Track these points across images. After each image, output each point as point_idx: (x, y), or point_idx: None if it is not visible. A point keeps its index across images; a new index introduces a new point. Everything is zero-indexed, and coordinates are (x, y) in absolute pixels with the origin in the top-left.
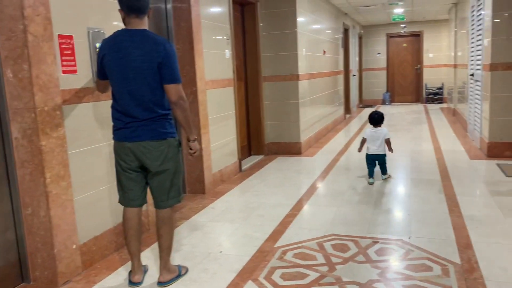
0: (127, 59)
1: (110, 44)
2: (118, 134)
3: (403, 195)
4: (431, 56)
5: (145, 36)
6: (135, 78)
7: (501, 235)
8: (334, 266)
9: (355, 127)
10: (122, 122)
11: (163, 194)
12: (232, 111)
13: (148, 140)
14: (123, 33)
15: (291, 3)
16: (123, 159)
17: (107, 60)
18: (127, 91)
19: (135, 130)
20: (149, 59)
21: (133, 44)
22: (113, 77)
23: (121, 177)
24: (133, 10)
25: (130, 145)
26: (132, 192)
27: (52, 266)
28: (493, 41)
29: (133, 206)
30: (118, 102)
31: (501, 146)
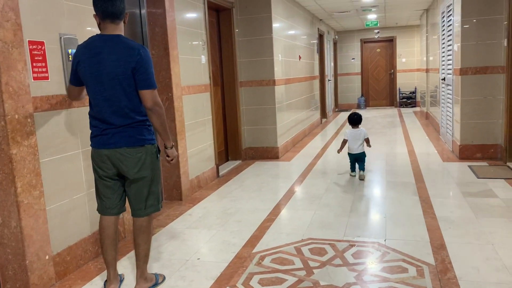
0: (102, 64)
1: (84, 50)
2: (95, 141)
3: (378, 198)
4: (404, 61)
5: (120, 42)
6: (110, 83)
7: (473, 236)
8: (311, 270)
9: (331, 131)
10: (98, 129)
11: (141, 202)
12: (209, 116)
13: (125, 146)
14: (97, 38)
15: (266, 9)
16: (100, 167)
17: (82, 67)
18: (102, 97)
19: (112, 137)
20: (123, 64)
21: (107, 49)
22: (89, 83)
23: (99, 185)
24: (108, 15)
25: (107, 152)
26: (109, 200)
27: (24, 278)
28: (463, 46)
29: (109, 215)
30: (94, 109)
31: (472, 148)
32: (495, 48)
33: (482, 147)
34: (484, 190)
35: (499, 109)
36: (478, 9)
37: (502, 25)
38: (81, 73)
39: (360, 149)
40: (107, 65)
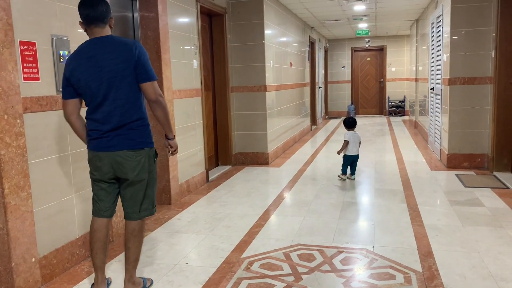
0: (100, 65)
1: (77, 57)
2: (93, 144)
3: (367, 205)
4: (394, 70)
5: (114, 40)
6: (110, 82)
7: (459, 243)
8: (300, 276)
9: (321, 138)
10: (98, 132)
11: (135, 206)
12: (200, 121)
13: (125, 149)
14: (89, 43)
15: (258, 16)
16: (97, 170)
17: (77, 72)
18: (103, 98)
19: (112, 139)
20: (123, 61)
21: (103, 49)
22: (87, 86)
23: (95, 187)
24: (92, 20)
25: (106, 155)
26: (103, 202)
27: (10, 280)
28: (452, 56)
29: (102, 217)
30: (93, 112)
31: (459, 157)
32: (483, 59)
33: (470, 157)
34: (471, 199)
35: (486, 119)
36: (467, 21)
37: (490, 37)
38: (77, 79)
39: (357, 151)
40: (106, 65)
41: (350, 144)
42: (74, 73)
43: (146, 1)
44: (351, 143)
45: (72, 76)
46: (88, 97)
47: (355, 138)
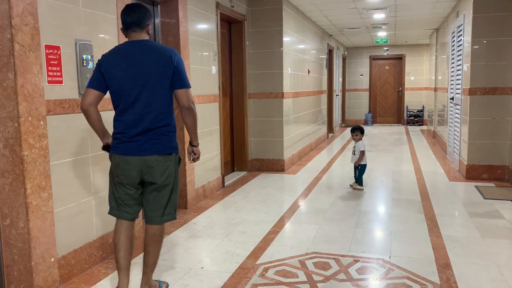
0: (139, 66)
1: (114, 56)
2: (122, 148)
3: (384, 215)
4: (413, 79)
5: (153, 45)
6: (145, 86)
7: (478, 256)
8: (315, 284)
9: (337, 146)
10: (127, 136)
11: (159, 210)
12: (217, 126)
13: (156, 154)
14: (128, 44)
15: (277, 23)
16: (125, 174)
17: (115, 70)
18: (135, 98)
19: (143, 144)
20: (163, 65)
21: (143, 52)
22: (122, 85)
23: (119, 192)
24: (129, 25)
25: (136, 160)
26: (128, 207)
27: (29, 279)
28: (472, 66)
29: (128, 219)
30: (124, 113)
31: (479, 168)
32: (504, 69)
33: (489, 168)
34: (491, 211)
35: (507, 130)
36: (488, 30)
37: None
38: (112, 76)
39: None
40: (145, 66)
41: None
42: (111, 69)
43: (168, 7)
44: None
45: (108, 71)
46: (119, 96)
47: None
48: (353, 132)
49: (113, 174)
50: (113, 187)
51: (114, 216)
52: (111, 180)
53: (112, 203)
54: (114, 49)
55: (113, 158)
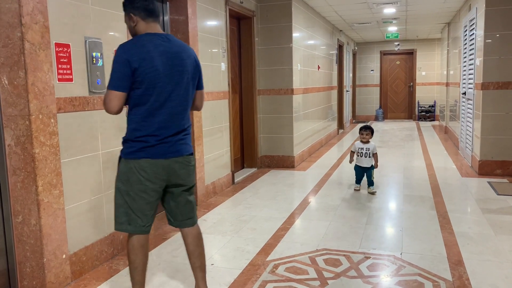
0: (172, 63)
1: (146, 49)
2: (152, 151)
3: (395, 211)
4: (424, 74)
5: (178, 40)
6: (179, 84)
7: (491, 253)
8: (326, 281)
9: (348, 142)
10: (157, 137)
11: (193, 210)
12: (227, 123)
13: (186, 154)
14: (157, 37)
15: (287, 19)
16: (152, 180)
17: (148, 68)
18: (167, 97)
19: (174, 145)
20: (192, 64)
21: (175, 47)
22: (155, 85)
23: (138, 202)
24: (151, 13)
25: (167, 162)
26: (146, 218)
27: (41, 275)
28: (485, 60)
29: (143, 233)
30: (154, 113)
31: (492, 164)
32: None
33: (503, 164)
34: (504, 207)
35: None
36: (501, 24)
37: None
38: (146, 72)
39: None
40: (178, 64)
41: None
42: (145, 64)
43: (176, 4)
44: None
45: (142, 67)
46: (149, 95)
47: None
48: (363, 130)
49: (131, 182)
50: (126, 199)
51: (126, 232)
52: (124, 191)
53: (122, 218)
54: (141, 41)
55: (132, 164)
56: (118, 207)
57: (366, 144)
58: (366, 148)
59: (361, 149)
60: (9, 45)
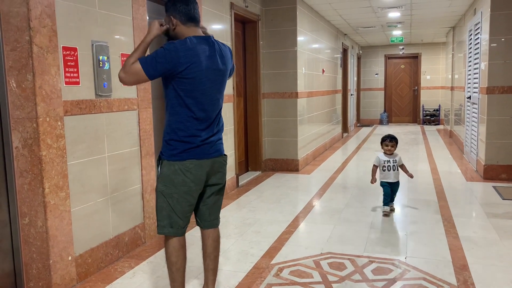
0: (216, 68)
1: (193, 53)
2: (195, 152)
3: (400, 215)
4: (429, 78)
5: (220, 44)
6: (219, 87)
7: (497, 257)
8: (330, 284)
9: (352, 146)
10: (200, 138)
11: (218, 211)
12: (231, 126)
13: (223, 154)
14: (203, 41)
15: (292, 23)
16: (196, 181)
17: (196, 71)
18: (212, 101)
19: (215, 145)
20: (228, 67)
21: (219, 52)
22: (202, 88)
23: (183, 204)
24: (192, 18)
25: (210, 162)
26: (186, 219)
27: (47, 277)
28: (490, 64)
29: (182, 234)
30: (197, 115)
31: (497, 168)
32: None
33: (508, 168)
34: (509, 212)
35: None
36: (506, 28)
37: None
38: (193, 77)
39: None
40: (221, 69)
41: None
42: (193, 67)
43: None
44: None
45: (189, 69)
46: (194, 97)
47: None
48: (387, 141)
49: (175, 184)
50: (170, 201)
51: (167, 234)
52: (167, 194)
53: (164, 221)
54: (189, 44)
55: (177, 166)
56: (160, 210)
57: (392, 156)
58: (393, 160)
59: (387, 162)
60: (17, 49)
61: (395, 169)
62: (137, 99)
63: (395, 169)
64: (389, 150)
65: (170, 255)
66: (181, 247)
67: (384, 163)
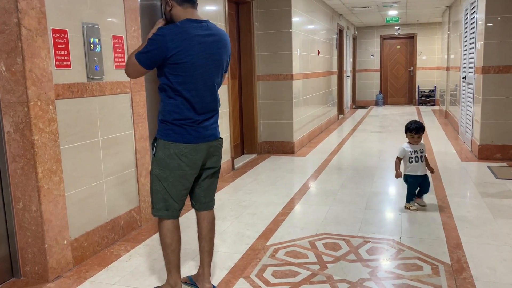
0: (210, 52)
1: (184, 37)
2: (191, 136)
3: (394, 195)
4: (424, 58)
5: (217, 28)
6: (213, 72)
7: (490, 236)
8: (325, 264)
9: (348, 128)
10: (195, 122)
11: (213, 193)
12: (226, 109)
13: (218, 137)
14: (196, 26)
15: (286, 3)
16: (191, 165)
17: (187, 56)
18: (206, 86)
19: (209, 129)
20: (226, 52)
21: (214, 37)
22: (195, 72)
23: (178, 187)
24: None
25: (206, 146)
26: (182, 202)
27: (43, 261)
28: (486, 44)
29: (177, 217)
30: (191, 100)
31: (492, 148)
32: None
33: (502, 148)
34: (503, 191)
35: None
36: (503, 7)
37: None
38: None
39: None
40: (215, 53)
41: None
42: (183, 52)
43: None
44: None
45: (180, 54)
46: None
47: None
48: (414, 132)
49: (170, 168)
50: (165, 185)
51: (162, 217)
52: (163, 178)
53: (159, 204)
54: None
55: (172, 150)
56: (155, 193)
57: (418, 145)
58: (420, 150)
59: (414, 153)
60: (5, 31)
61: (423, 160)
62: (130, 82)
63: (423, 160)
64: (415, 141)
65: (164, 236)
66: (175, 229)
67: (411, 154)
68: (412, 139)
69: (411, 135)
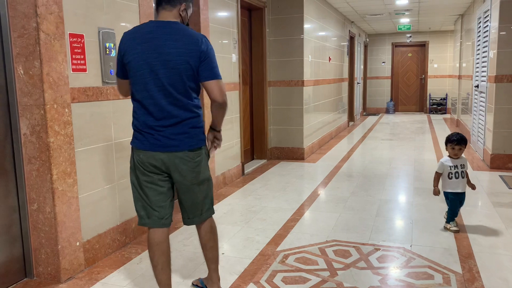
0: (158, 51)
1: (132, 36)
2: (145, 142)
3: (405, 203)
4: (436, 66)
5: (178, 28)
6: (168, 72)
7: (502, 246)
8: (335, 271)
9: (358, 135)
10: (150, 129)
11: (197, 210)
12: (237, 114)
13: (187, 150)
14: (150, 24)
15: (298, 10)
16: (153, 171)
17: (131, 54)
18: (157, 87)
19: (173, 139)
20: (187, 53)
21: (165, 35)
22: (141, 72)
23: (148, 192)
24: (159, 1)
25: (167, 156)
26: (162, 209)
27: (56, 262)
28: (499, 53)
29: (163, 226)
30: (144, 102)
31: (504, 158)
32: None
33: None
34: None
35: None
36: None
37: None
38: (131, 63)
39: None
40: (165, 53)
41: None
42: (128, 55)
43: None
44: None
45: (126, 54)
46: (139, 84)
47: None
48: (455, 144)
49: (137, 174)
50: (140, 192)
51: (146, 226)
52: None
53: (141, 211)
54: (135, 28)
55: (135, 156)
56: (136, 201)
57: (459, 160)
58: (461, 165)
59: (455, 168)
60: (24, 35)
61: (464, 175)
62: None
63: (464, 176)
64: (456, 154)
65: (148, 249)
66: (156, 244)
67: (450, 169)
68: (452, 151)
69: (452, 147)
